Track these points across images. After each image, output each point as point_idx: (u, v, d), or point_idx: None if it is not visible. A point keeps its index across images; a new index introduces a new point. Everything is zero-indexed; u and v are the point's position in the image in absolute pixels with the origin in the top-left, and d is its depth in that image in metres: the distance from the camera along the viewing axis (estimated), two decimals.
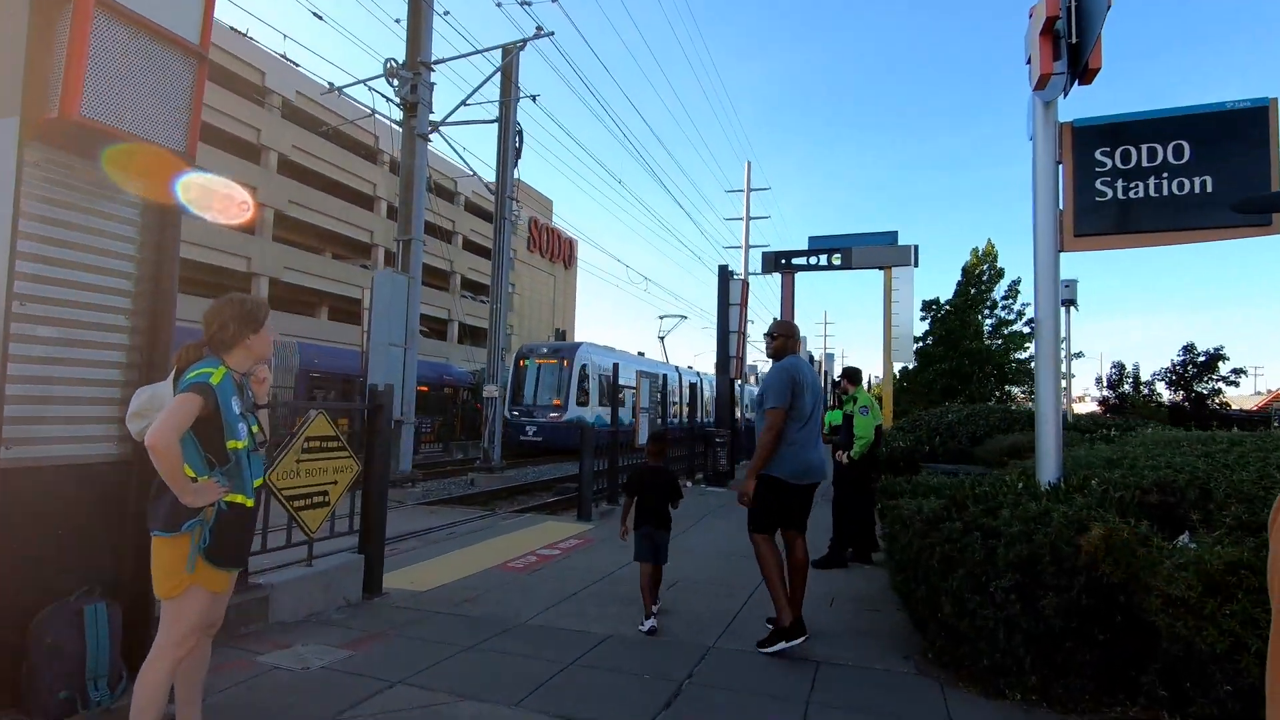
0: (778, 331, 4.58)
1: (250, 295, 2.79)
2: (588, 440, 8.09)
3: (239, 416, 2.54)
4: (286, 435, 3.95)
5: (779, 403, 4.08)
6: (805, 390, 4.18)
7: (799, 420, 4.10)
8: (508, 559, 5.80)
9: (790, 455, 4.06)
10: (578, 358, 20.83)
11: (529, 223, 48.23)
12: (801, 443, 4.11)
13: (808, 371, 4.35)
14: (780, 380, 4.18)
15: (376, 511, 4.55)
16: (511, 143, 13.26)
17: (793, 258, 19.97)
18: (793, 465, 4.06)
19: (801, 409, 4.12)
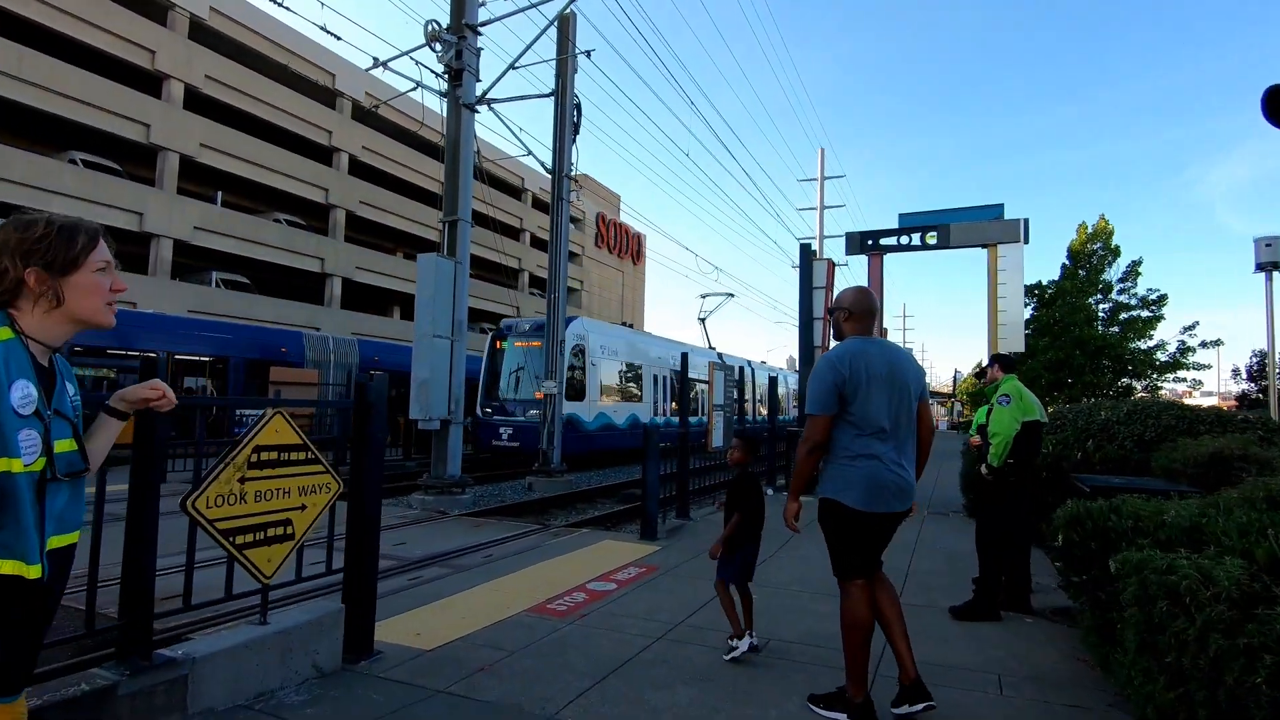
0: (837, 304, 3.24)
1: (49, 214, 1.63)
2: (651, 445, 6.80)
3: (23, 419, 1.41)
4: (229, 446, 2.84)
5: (819, 408, 3.00)
6: (869, 385, 2.98)
7: (864, 427, 2.97)
8: (549, 597, 4.58)
9: (857, 473, 2.94)
10: (568, 337, 15.70)
11: (596, 218, 47.56)
12: (874, 455, 2.96)
13: (877, 359, 3.01)
14: (822, 376, 3.02)
15: (365, 544, 3.41)
16: (569, 115, 12.13)
17: (881, 237, 18.01)
18: (861, 487, 2.93)
19: (866, 412, 2.97)
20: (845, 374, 2.98)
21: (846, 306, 3.23)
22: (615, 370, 18.52)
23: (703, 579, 5.14)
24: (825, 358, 3.12)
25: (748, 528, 3.70)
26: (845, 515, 2.96)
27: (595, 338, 17.33)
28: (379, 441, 3.47)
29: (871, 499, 2.93)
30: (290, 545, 3.08)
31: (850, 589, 2.99)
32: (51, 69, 20.15)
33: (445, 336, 9.20)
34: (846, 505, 2.95)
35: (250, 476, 2.90)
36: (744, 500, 3.71)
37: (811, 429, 3.02)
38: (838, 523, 3.00)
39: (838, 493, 2.97)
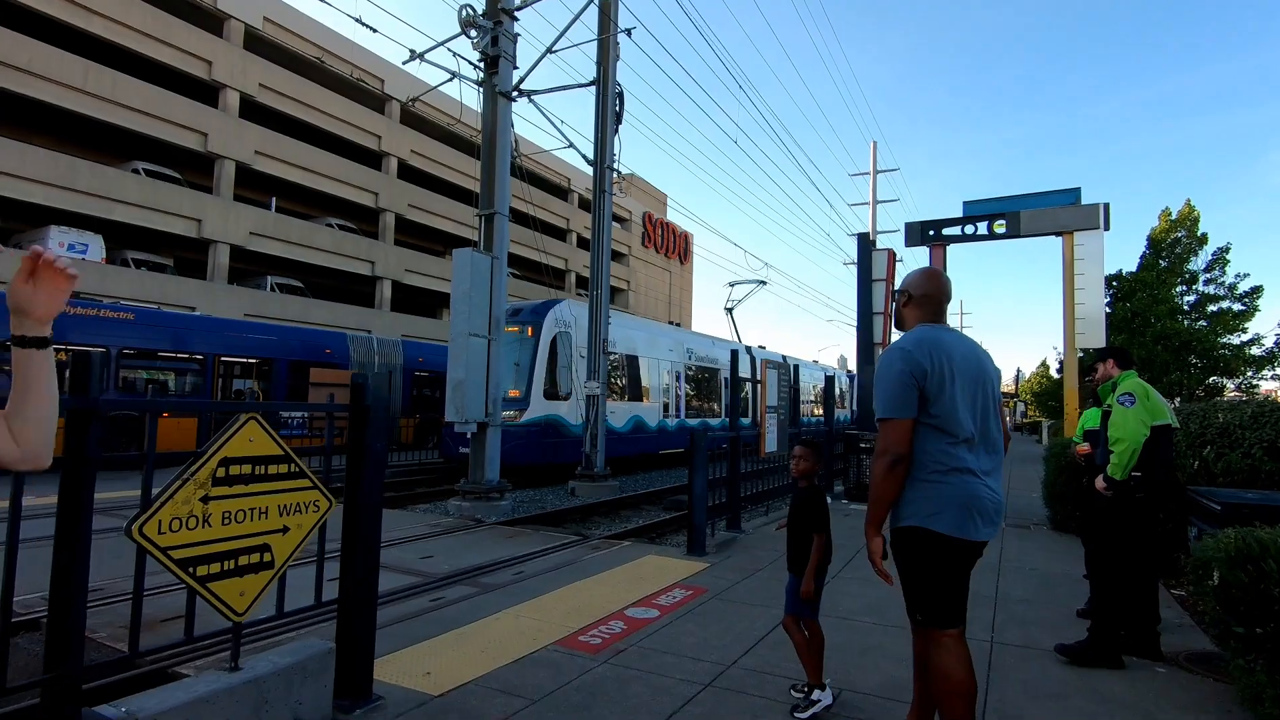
0: (900, 287, 2.65)
1: None
2: (699, 451, 6.19)
3: None
4: (191, 459, 2.38)
5: (897, 409, 2.39)
6: (953, 381, 2.40)
7: (951, 432, 2.37)
8: (582, 626, 4.03)
9: (950, 492, 2.35)
10: (548, 324, 13.14)
11: (643, 217, 47.08)
12: (967, 469, 2.37)
13: (956, 350, 2.46)
14: (894, 369, 2.42)
15: (362, 572, 2.91)
16: (611, 104, 11.62)
17: (944, 227, 16.86)
18: (955, 510, 2.34)
19: (953, 414, 2.37)
20: (925, 366, 2.37)
21: (909, 290, 2.63)
22: (612, 363, 15.65)
23: (759, 606, 4.51)
24: (896, 347, 2.49)
25: (827, 553, 3.08)
26: (937, 547, 2.34)
27: (582, 323, 14.09)
28: (379, 451, 2.97)
29: (967, 524, 2.32)
30: (269, 575, 2.61)
31: (942, 642, 2.35)
32: (115, 82, 20.83)
33: (482, 335, 8.80)
34: (940, 534, 2.32)
35: (216, 495, 2.43)
36: (816, 519, 3.08)
37: (890, 437, 2.37)
38: (928, 557, 2.37)
39: (927, 518, 2.34)
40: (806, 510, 3.14)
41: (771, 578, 5.34)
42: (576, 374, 13.57)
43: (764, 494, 8.07)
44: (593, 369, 11.75)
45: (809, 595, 3.00)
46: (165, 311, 14.69)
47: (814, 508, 3.12)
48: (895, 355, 2.45)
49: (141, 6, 21.56)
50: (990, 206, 16.88)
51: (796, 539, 3.13)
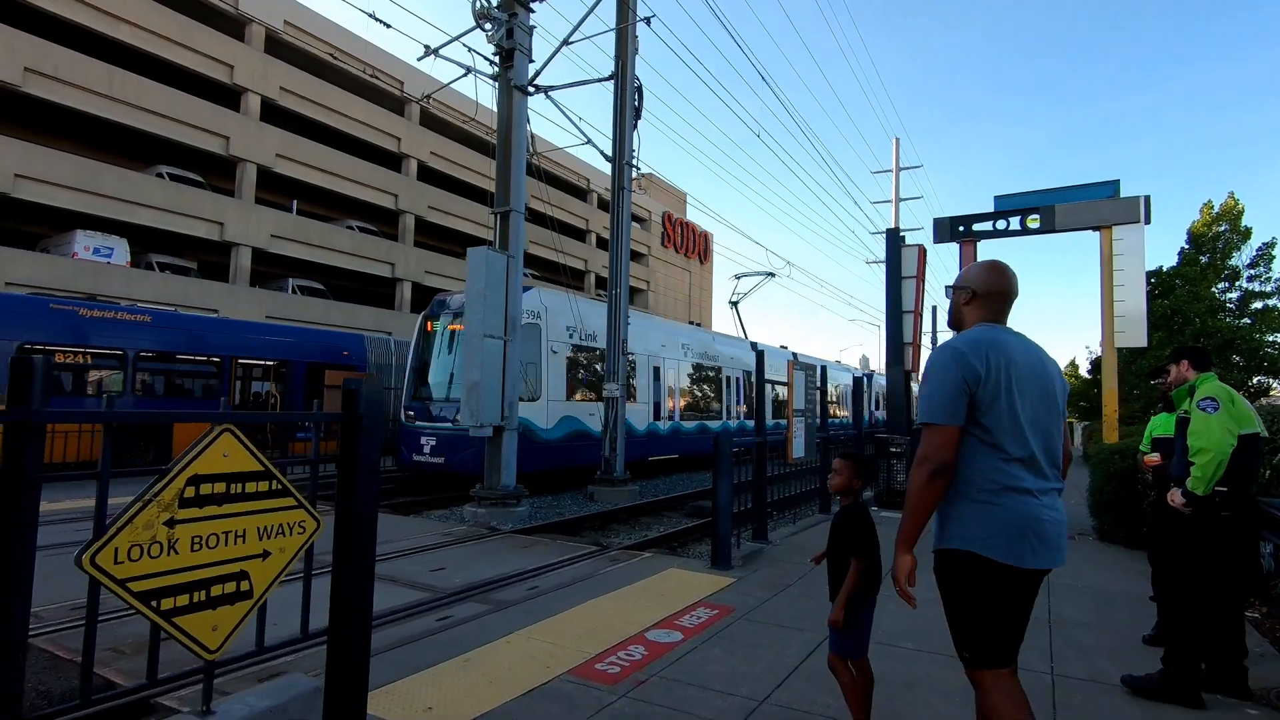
0: (959, 281, 2.38)
1: None
2: (723, 456, 5.84)
3: None
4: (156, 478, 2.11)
5: (942, 415, 2.09)
6: (1011, 389, 2.09)
7: (1003, 447, 2.08)
8: (599, 652, 3.71)
9: (1003, 514, 2.05)
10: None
11: (663, 217, 46.75)
12: (1024, 488, 2.07)
13: (1019, 353, 2.15)
14: (944, 371, 2.11)
15: (354, 601, 2.62)
16: (630, 98, 11.31)
17: (974, 223, 16.31)
18: (1010, 534, 2.03)
19: (1015, 425, 2.08)
20: (979, 369, 2.05)
21: (971, 285, 2.28)
22: (589, 359, 13.68)
23: (791, 627, 4.17)
24: (948, 346, 2.16)
25: (868, 580, 2.73)
26: (987, 575, 2.03)
27: (556, 316, 12.56)
28: (372, 462, 2.68)
29: (1024, 550, 2.01)
30: (247, 606, 2.33)
31: (991, 682, 2.03)
32: (139, 87, 21.02)
33: (497, 336, 8.54)
34: (992, 561, 2.01)
35: (184, 518, 2.15)
36: (859, 542, 2.73)
37: (932, 444, 2.06)
38: (975, 586, 2.05)
39: (976, 542, 2.03)
40: (846, 532, 2.79)
41: (802, 594, 4.99)
42: (548, 372, 12.07)
43: (791, 500, 7.71)
44: (611, 371, 11.45)
45: (836, 623, 2.66)
46: (182, 314, 14.67)
47: (854, 529, 2.78)
48: (946, 356, 2.12)
49: (165, 11, 21.74)
50: (1023, 200, 16.27)
51: (838, 565, 2.79)
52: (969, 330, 2.24)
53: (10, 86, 18.29)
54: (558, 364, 12.56)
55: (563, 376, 12.72)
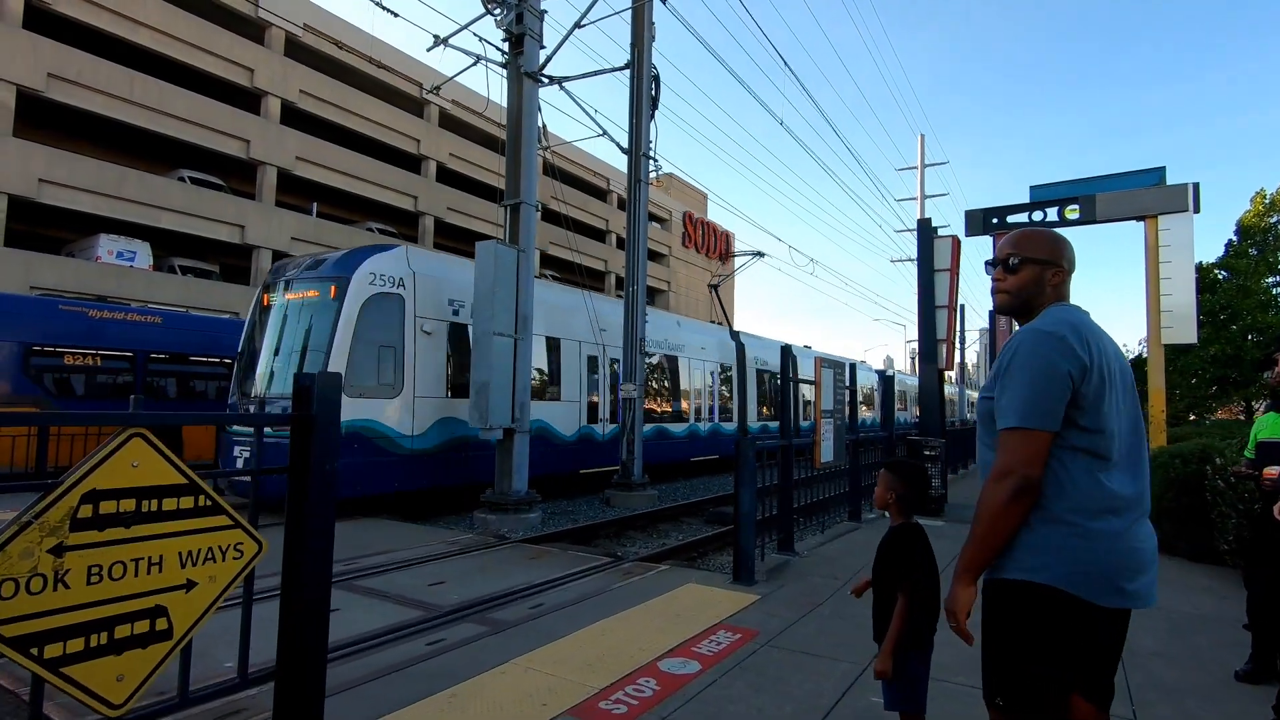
0: (1024, 249, 1.88)
1: None
2: (746, 463, 5.36)
3: None
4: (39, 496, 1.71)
5: (1034, 418, 1.63)
6: (1109, 384, 1.68)
7: (1104, 454, 1.66)
8: (605, 686, 3.27)
9: (1100, 546, 1.61)
10: (359, 281, 8.76)
11: (683, 217, 46.26)
12: (1123, 508, 1.65)
13: (1106, 340, 1.75)
14: (1042, 362, 1.65)
15: (305, 640, 2.21)
16: (646, 87, 10.88)
17: (1009, 214, 15.60)
18: (1105, 563, 1.61)
19: (1105, 428, 1.66)
20: (1085, 360, 1.63)
21: (1057, 259, 1.83)
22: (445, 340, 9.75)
23: (824, 656, 3.68)
24: (1042, 332, 1.69)
25: (922, 618, 2.24)
26: (1074, 618, 1.60)
27: (432, 285, 9.51)
28: (328, 472, 2.27)
29: (1124, 586, 1.60)
30: (164, 649, 1.92)
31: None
32: (161, 91, 21.13)
33: (507, 334, 8.15)
34: (1085, 602, 1.59)
35: (78, 543, 1.75)
36: (910, 571, 2.25)
37: (1020, 455, 1.61)
38: (1054, 630, 1.61)
39: (1065, 578, 1.60)
40: (894, 558, 2.31)
41: (835, 615, 4.50)
42: (416, 359, 9.06)
43: (818, 505, 7.19)
44: (628, 370, 11.00)
45: (883, 674, 2.18)
46: (194, 315, 14.55)
47: (904, 554, 2.29)
48: (1045, 343, 1.66)
49: (186, 17, 21.85)
50: (1062, 190, 15.52)
51: (885, 598, 2.30)
52: (1054, 311, 1.80)
53: (34, 92, 18.45)
54: (432, 348, 9.30)
55: (440, 365, 9.40)
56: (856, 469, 8.25)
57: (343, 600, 4.80)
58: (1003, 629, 1.66)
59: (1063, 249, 1.89)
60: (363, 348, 8.55)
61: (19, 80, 18.12)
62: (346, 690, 3.14)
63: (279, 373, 8.80)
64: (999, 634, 1.66)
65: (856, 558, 6.22)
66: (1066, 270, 1.87)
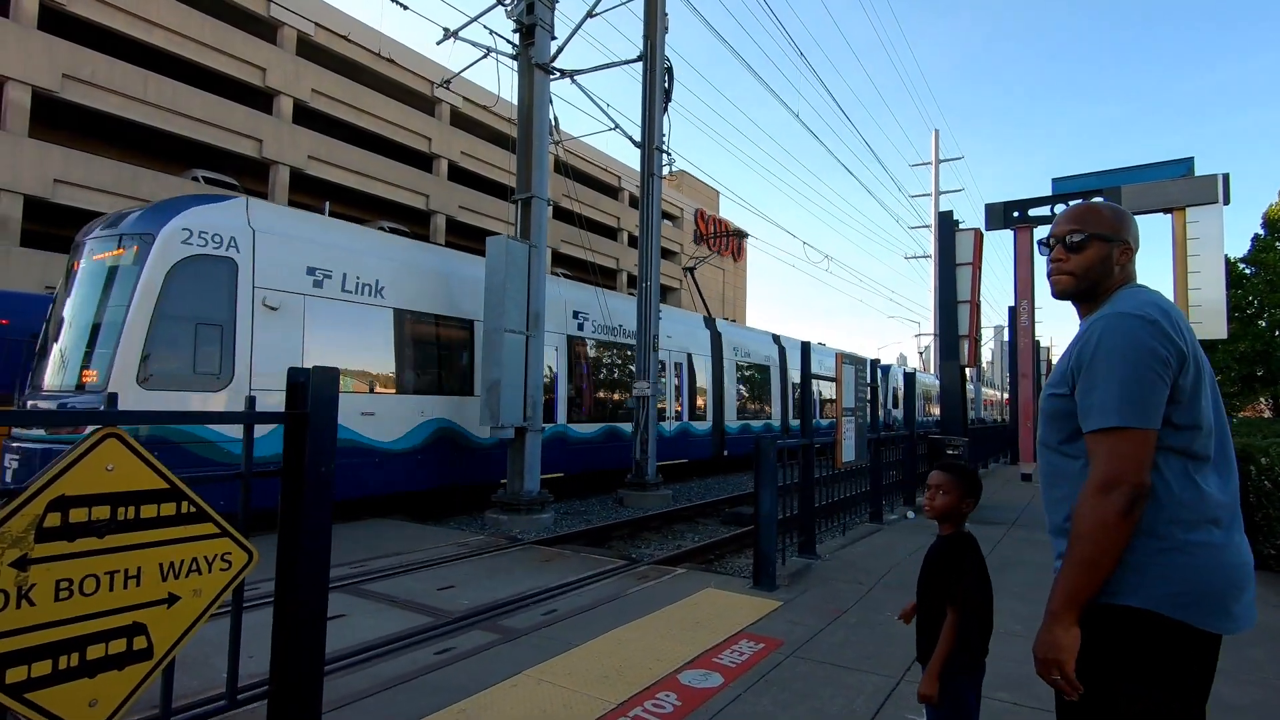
0: (1089, 224, 1.65)
1: None
2: (766, 463, 5.15)
3: None
4: None
5: (1134, 414, 1.39)
6: (1201, 374, 1.47)
7: (1200, 453, 1.45)
8: (622, 702, 3.08)
9: (1201, 556, 1.39)
10: (166, 241, 7.00)
11: (695, 215, 45.99)
12: (1217, 515, 1.43)
13: (1190, 331, 1.49)
14: (1137, 348, 1.42)
15: (301, 659, 2.04)
16: (660, 79, 10.67)
17: (1030, 207, 15.29)
18: (1209, 582, 1.39)
19: (1201, 424, 1.45)
20: (1181, 347, 1.43)
21: (1124, 236, 1.63)
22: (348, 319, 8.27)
23: (853, 668, 3.47)
24: (1131, 315, 1.47)
25: (974, 637, 2.03)
26: (1173, 646, 1.38)
27: (278, 248, 7.74)
28: (323, 475, 2.09)
29: (1229, 607, 1.39)
30: (144, 670, 1.75)
31: None
32: (175, 91, 21.18)
33: (519, 331, 7.99)
34: (1186, 626, 1.37)
35: (45, 555, 1.58)
36: (961, 586, 2.03)
37: (1126, 459, 1.39)
38: (1145, 660, 1.39)
39: (1165, 600, 1.38)
40: (945, 570, 2.09)
41: (862, 623, 4.29)
42: (253, 341, 7.34)
43: (838, 505, 6.97)
44: (642, 368, 10.81)
45: (928, 699, 1.96)
46: None
47: (956, 567, 2.07)
48: (1138, 328, 1.44)
49: (199, 17, 21.90)
50: (1085, 183, 15.19)
51: (932, 615, 2.09)
52: (1135, 293, 1.59)
53: (49, 93, 18.54)
54: (280, 328, 7.56)
55: (292, 351, 7.62)
56: (878, 468, 8.02)
57: (350, 605, 4.66)
58: (1087, 663, 1.44)
59: (1129, 224, 1.70)
60: (169, 325, 6.84)
61: (34, 81, 18.22)
62: (349, 704, 2.97)
63: (66, 360, 6.93)
64: (1082, 669, 1.45)
65: (881, 561, 6.00)
66: (1134, 247, 1.67)
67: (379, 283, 8.61)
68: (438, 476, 8.86)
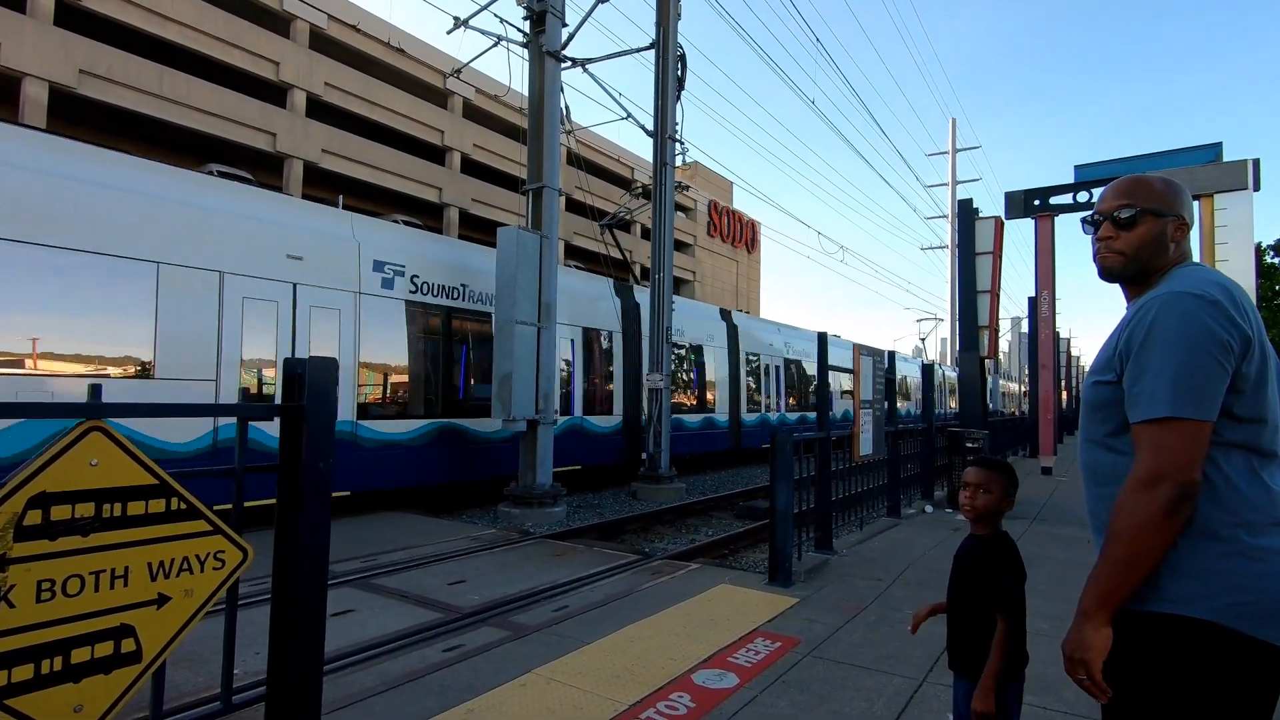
0: (1140, 198, 1.50)
1: None
2: (783, 454, 5.03)
3: None
4: None
5: (1189, 404, 1.25)
6: (1266, 360, 1.30)
7: (1268, 449, 1.30)
8: (634, 703, 2.99)
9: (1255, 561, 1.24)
10: None
11: (709, 206, 45.69)
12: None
13: (1256, 314, 1.34)
14: (1199, 332, 1.27)
15: (299, 663, 1.96)
16: (672, 67, 10.50)
17: (1051, 195, 14.99)
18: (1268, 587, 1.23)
19: (1265, 415, 1.29)
20: (1246, 330, 1.30)
21: (1178, 210, 1.50)
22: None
23: (874, 670, 3.36)
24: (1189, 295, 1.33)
25: (1021, 647, 1.91)
26: (1241, 662, 1.24)
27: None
28: (321, 472, 2.01)
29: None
30: (133, 674, 1.68)
31: None
32: (190, 86, 21.29)
33: (530, 323, 7.90)
34: (1256, 641, 1.23)
35: (25, 555, 1.51)
36: (1003, 589, 1.90)
37: (1176, 453, 1.26)
38: (1207, 675, 1.26)
39: (1230, 611, 1.25)
40: (987, 575, 1.95)
41: (881, 622, 4.16)
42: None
43: (854, 499, 6.83)
44: (655, 360, 10.70)
45: (985, 714, 1.83)
46: None
47: (999, 569, 1.93)
48: (1197, 308, 1.31)
49: (213, 11, 21.96)
50: (1109, 169, 14.84)
51: (969, 620, 1.96)
52: (1193, 271, 1.45)
53: (66, 89, 18.68)
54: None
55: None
56: (896, 462, 7.86)
57: (360, 600, 4.61)
58: (1143, 679, 1.31)
59: (1183, 197, 1.55)
60: None
61: (51, 77, 18.37)
62: (356, 703, 2.90)
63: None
64: (1138, 686, 1.32)
65: (899, 557, 5.86)
66: (1189, 223, 1.54)
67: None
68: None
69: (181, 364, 6.81)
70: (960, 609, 1.99)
